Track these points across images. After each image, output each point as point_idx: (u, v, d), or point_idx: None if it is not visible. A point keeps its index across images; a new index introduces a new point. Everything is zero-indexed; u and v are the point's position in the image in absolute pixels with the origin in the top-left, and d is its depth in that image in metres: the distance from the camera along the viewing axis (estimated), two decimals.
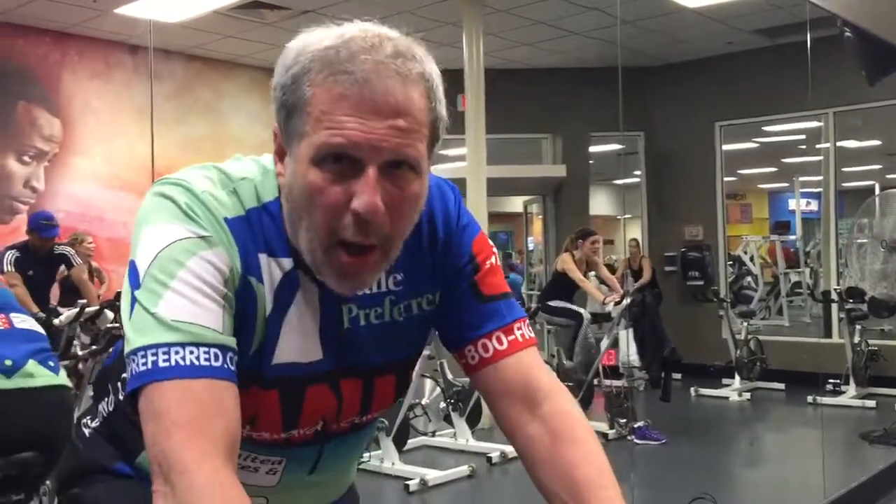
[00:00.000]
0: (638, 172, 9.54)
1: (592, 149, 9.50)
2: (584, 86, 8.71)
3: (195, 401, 0.85)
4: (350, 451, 1.18)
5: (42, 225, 5.52)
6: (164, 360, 0.86)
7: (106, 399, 1.21)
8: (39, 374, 2.20)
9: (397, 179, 0.91)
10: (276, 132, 0.96)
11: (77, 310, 4.35)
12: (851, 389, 7.30)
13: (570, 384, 6.06)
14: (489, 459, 5.32)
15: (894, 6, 4.82)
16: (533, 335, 1.10)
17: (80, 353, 4.24)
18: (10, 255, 5.41)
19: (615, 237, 13.60)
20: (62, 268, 5.70)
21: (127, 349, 0.89)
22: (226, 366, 0.89)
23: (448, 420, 5.82)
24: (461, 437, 5.73)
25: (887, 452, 5.46)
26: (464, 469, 5.10)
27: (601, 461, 1.00)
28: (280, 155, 0.97)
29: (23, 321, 2.30)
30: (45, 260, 5.57)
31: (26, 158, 7.06)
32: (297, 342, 1.00)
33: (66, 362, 3.92)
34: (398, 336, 1.08)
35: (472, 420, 5.80)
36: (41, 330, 2.36)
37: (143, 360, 0.86)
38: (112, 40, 7.44)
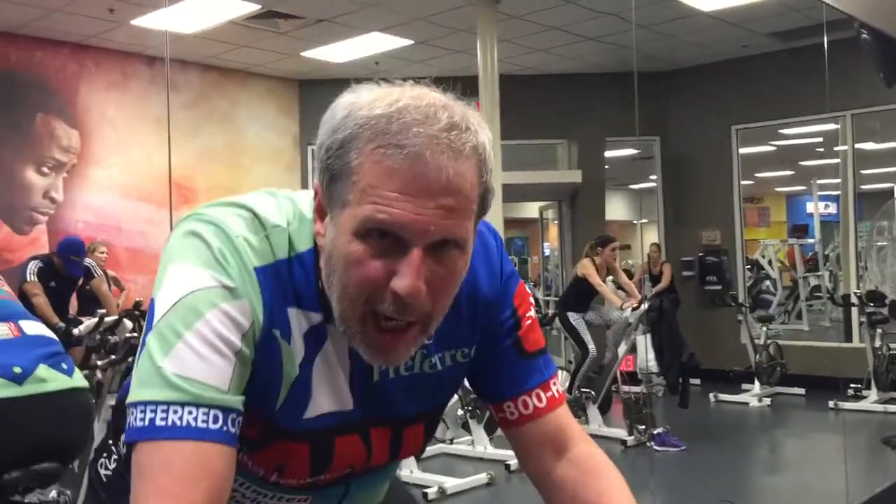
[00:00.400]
0: (654, 177, 9.51)
1: (608, 154, 9.48)
2: (599, 91, 8.70)
3: (181, 464, 0.84)
4: (376, 487, 1.17)
5: (71, 261, 5.63)
6: (161, 420, 0.85)
7: None
8: (52, 379, 2.18)
9: (442, 259, 0.87)
10: (318, 191, 0.92)
11: (97, 319, 4.39)
12: (873, 394, 7.22)
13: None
14: (507, 467, 5.30)
15: None
16: (563, 390, 1.14)
17: (98, 362, 4.27)
18: (33, 266, 5.54)
19: (631, 242, 13.55)
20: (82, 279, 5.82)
21: (129, 399, 0.88)
22: (225, 428, 0.87)
23: (466, 427, 5.80)
24: (479, 444, 5.70)
25: None
26: (482, 477, 5.09)
27: (625, 492, 1.06)
28: (320, 214, 0.93)
29: (32, 326, 2.30)
30: (66, 273, 5.67)
31: (45, 169, 7.13)
32: (328, 395, 0.98)
33: (85, 371, 3.94)
34: (429, 388, 1.06)
35: (490, 427, 5.78)
36: (52, 334, 2.36)
37: (142, 416, 0.85)
38: (129, 51, 7.51)
